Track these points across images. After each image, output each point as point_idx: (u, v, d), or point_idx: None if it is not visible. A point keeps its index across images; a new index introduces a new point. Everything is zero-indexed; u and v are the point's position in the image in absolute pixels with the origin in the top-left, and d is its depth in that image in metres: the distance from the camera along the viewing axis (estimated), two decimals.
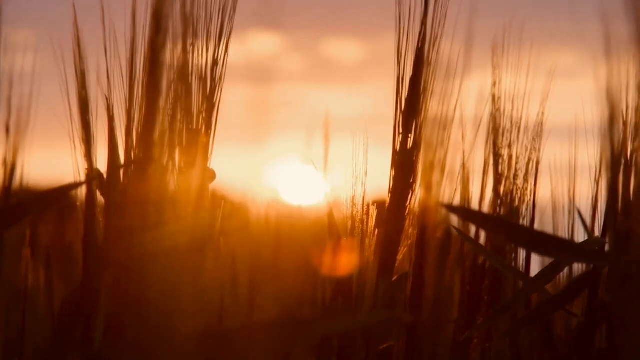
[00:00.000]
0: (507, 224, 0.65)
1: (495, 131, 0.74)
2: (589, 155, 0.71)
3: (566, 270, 0.70)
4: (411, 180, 0.69)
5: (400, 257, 0.68)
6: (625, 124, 0.61)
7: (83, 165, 0.65)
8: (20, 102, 0.59)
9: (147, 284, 0.50)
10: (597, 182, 0.72)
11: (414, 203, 0.68)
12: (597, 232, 0.73)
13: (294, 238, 0.69)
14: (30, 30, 0.61)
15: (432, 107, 0.58)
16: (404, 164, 0.69)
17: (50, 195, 0.59)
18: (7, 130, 0.59)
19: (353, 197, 0.70)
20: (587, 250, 0.61)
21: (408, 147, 0.69)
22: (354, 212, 0.70)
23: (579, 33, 0.56)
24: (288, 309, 0.63)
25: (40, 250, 0.74)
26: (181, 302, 0.51)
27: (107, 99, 0.63)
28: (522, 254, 0.74)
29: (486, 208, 0.74)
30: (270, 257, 0.65)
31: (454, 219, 0.65)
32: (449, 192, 0.60)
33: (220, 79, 0.64)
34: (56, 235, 0.83)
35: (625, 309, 0.51)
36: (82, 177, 0.64)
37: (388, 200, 0.69)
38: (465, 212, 0.64)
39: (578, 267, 0.70)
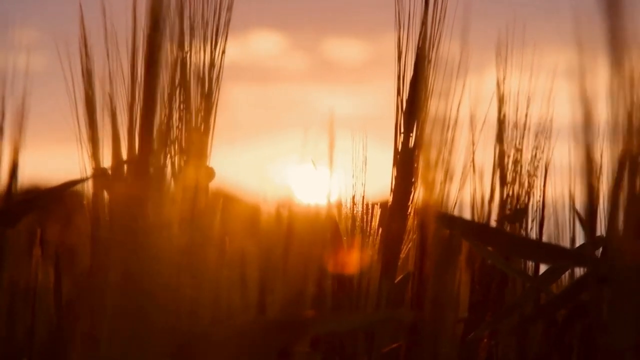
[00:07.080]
0: (498, 232, 0.65)
1: (502, 131, 0.74)
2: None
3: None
4: (413, 180, 0.69)
5: (403, 256, 0.68)
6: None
7: (90, 165, 0.65)
8: (25, 101, 0.59)
9: (148, 283, 0.51)
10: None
11: (416, 202, 0.68)
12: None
13: (302, 237, 0.69)
14: (34, 30, 0.61)
15: (434, 106, 0.57)
16: (406, 163, 0.69)
17: (53, 192, 0.60)
18: (12, 129, 0.59)
19: (356, 197, 0.70)
20: (581, 257, 0.61)
21: (409, 146, 0.69)
22: (357, 212, 0.70)
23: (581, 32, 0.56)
24: (293, 307, 0.63)
25: (49, 249, 0.74)
26: (182, 301, 0.51)
27: (110, 97, 0.63)
28: None
29: (495, 208, 0.74)
30: (279, 256, 0.65)
31: None
32: (453, 192, 0.59)
33: (218, 78, 0.64)
34: (64, 234, 0.83)
35: (602, 309, 0.51)
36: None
37: (390, 199, 0.69)
38: (457, 222, 0.63)
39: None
